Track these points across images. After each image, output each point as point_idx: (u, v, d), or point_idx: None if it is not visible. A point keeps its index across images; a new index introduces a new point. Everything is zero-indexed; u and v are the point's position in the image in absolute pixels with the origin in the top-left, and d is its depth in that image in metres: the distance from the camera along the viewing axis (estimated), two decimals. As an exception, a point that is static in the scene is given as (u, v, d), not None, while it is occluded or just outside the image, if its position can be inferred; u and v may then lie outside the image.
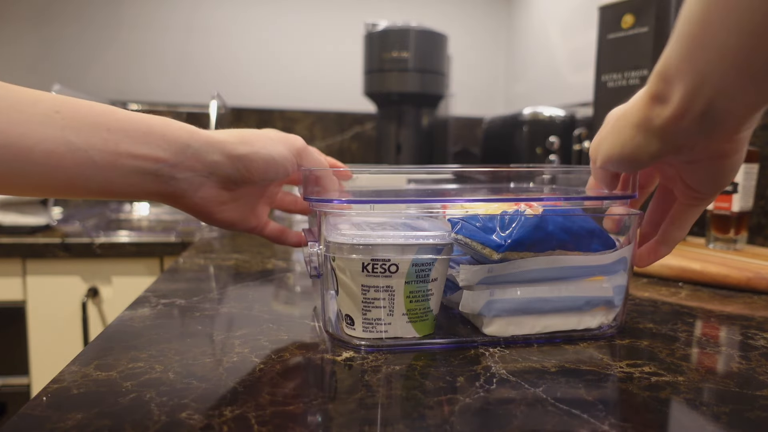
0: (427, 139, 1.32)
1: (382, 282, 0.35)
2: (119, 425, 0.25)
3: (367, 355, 0.34)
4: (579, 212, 0.38)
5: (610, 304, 0.39)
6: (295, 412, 0.26)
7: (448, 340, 0.37)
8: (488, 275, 0.36)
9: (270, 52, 1.61)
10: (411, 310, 0.36)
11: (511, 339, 0.37)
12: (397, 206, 0.38)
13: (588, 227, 0.38)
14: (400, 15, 1.64)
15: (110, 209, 1.39)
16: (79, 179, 0.34)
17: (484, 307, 0.36)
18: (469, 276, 0.36)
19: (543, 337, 0.38)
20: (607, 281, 0.38)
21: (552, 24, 1.47)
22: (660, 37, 0.68)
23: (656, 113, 0.27)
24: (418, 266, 0.35)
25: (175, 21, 1.56)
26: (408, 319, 0.36)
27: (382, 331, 0.36)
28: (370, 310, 0.35)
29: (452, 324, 0.40)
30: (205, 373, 0.31)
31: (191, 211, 0.41)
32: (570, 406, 0.27)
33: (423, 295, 0.36)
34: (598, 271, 0.38)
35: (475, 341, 0.37)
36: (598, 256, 0.38)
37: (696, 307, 0.47)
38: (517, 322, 0.37)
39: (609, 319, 0.39)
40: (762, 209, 0.80)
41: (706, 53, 0.23)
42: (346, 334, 0.36)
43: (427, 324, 0.37)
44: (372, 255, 0.34)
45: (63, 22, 1.51)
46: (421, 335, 0.36)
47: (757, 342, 0.38)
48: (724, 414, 0.27)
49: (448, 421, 0.26)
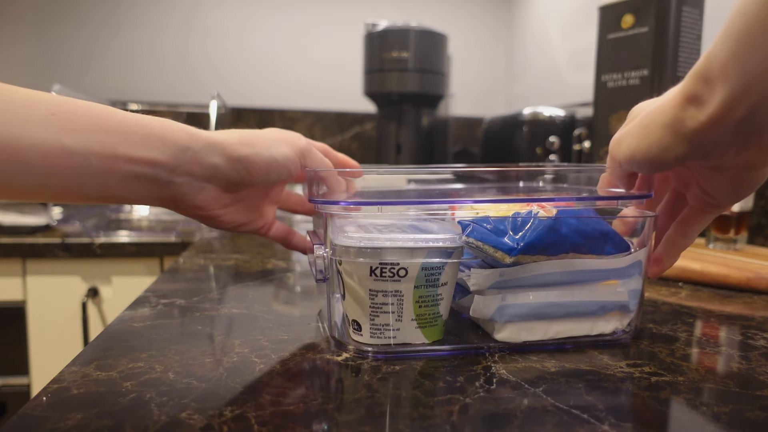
0: (427, 139, 1.32)
1: (391, 286, 0.34)
2: (119, 425, 0.25)
3: (367, 354, 0.34)
4: (593, 213, 0.37)
5: (625, 308, 0.38)
6: (295, 412, 0.26)
7: (457, 347, 0.36)
8: (500, 279, 0.35)
9: (270, 52, 1.61)
10: (420, 315, 0.35)
11: (522, 345, 0.36)
12: (405, 207, 0.36)
13: (602, 229, 0.37)
14: (400, 15, 1.64)
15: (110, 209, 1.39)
16: (75, 184, 0.33)
17: (496, 312, 0.35)
18: (480, 280, 0.35)
19: (555, 343, 0.36)
20: (621, 285, 0.37)
21: (552, 24, 1.47)
22: (660, 37, 0.68)
23: (690, 115, 0.26)
24: (428, 270, 0.34)
25: (175, 21, 1.56)
26: (417, 324, 0.35)
27: (391, 337, 0.35)
28: (378, 315, 0.34)
29: (462, 329, 0.39)
30: (205, 373, 0.31)
31: (193, 215, 0.41)
32: (570, 406, 0.27)
33: (432, 300, 0.35)
34: (612, 275, 0.37)
35: (487, 347, 0.36)
36: (612, 260, 0.37)
37: (696, 307, 0.47)
38: (529, 328, 0.36)
39: (623, 324, 0.38)
40: (762, 209, 0.80)
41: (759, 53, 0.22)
42: (353, 339, 0.36)
43: (436, 329, 0.36)
44: (380, 258, 0.33)
45: (62, 22, 1.51)
46: (431, 341, 0.36)
47: (757, 342, 0.38)
48: (724, 414, 0.27)
49: (448, 421, 0.26)
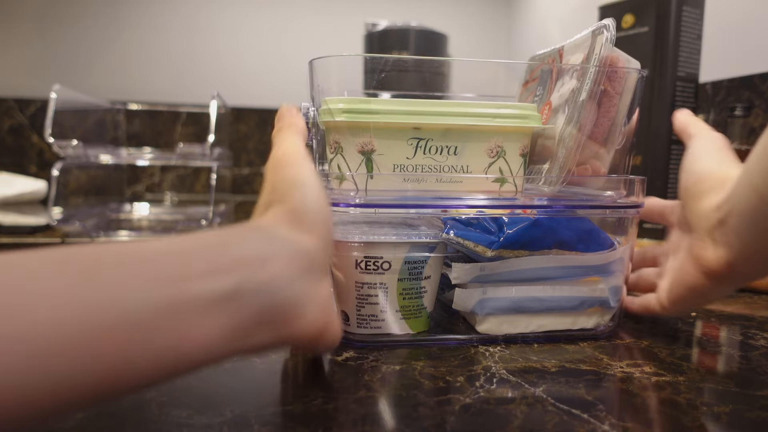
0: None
1: (376, 279, 0.35)
2: (119, 425, 0.25)
3: (367, 354, 0.34)
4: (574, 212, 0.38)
5: (606, 305, 0.38)
6: (295, 412, 0.26)
7: (441, 337, 0.37)
8: (481, 273, 0.36)
9: (270, 52, 1.61)
10: (404, 307, 0.36)
11: (505, 337, 0.37)
12: (399, 210, 0.37)
13: (585, 227, 0.38)
14: (400, 15, 1.64)
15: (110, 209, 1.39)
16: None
17: (477, 305, 0.36)
18: (461, 274, 0.36)
19: (541, 336, 0.38)
20: (603, 282, 0.38)
21: (552, 24, 1.47)
22: (660, 37, 0.68)
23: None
24: (411, 264, 0.35)
25: (175, 21, 1.56)
26: (402, 315, 0.36)
27: (376, 327, 0.36)
28: (363, 306, 0.36)
29: (452, 322, 0.40)
30: (205, 373, 0.31)
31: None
32: (570, 406, 0.27)
33: (416, 293, 0.36)
34: (594, 272, 0.38)
35: (470, 339, 0.37)
36: (594, 256, 0.38)
37: (696, 307, 0.47)
38: (511, 321, 0.37)
39: (605, 320, 0.39)
40: (762, 209, 0.80)
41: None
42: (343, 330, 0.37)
43: (421, 321, 0.37)
44: (365, 252, 0.35)
45: (63, 22, 1.51)
46: (415, 332, 0.37)
47: (757, 342, 0.38)
48: (724, 414, 0.27)
49: (448, 421, 0.26)
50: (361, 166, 0.36)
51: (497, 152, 0.37)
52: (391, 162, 0.36)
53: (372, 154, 0.36)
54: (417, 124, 0.36)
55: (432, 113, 0.36)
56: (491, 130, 0.37)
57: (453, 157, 0.37)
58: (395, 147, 0.36)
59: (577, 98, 0.37)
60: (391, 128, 0.36)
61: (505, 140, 0.37)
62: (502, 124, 0.37)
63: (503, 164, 0.37)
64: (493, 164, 0.37)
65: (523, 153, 0.38)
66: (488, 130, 0.37)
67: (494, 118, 0.37)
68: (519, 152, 0.37)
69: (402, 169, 0.36)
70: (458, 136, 0.36)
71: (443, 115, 0.36)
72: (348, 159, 0.36)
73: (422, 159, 0.36)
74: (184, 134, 1.54)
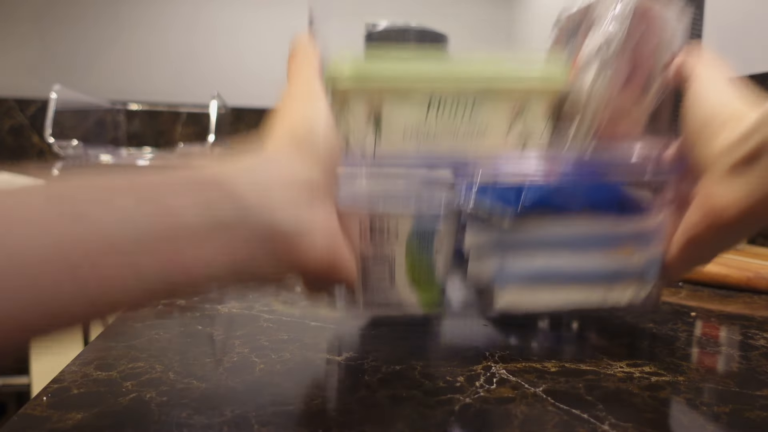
0: (427, 139, 1.32)
1: (383, 250, 0.33)
2: (119, 425, 0.25)
3: (367, 354, 0.34)
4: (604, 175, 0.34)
5: (641, 278, 0.34)
6: (295, 412, 0.26)
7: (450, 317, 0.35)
8: (499, 240, 0.32)
9: (270, 52, 1.61)
10: (414, 280, 0.33)
11: (523, 319, 0.34)
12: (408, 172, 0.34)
13: (617, 191, 0.33)
14: (400, 15, 1.64)
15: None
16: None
17: (495, 276, 0.33)
18: (476, 240, 0.32)
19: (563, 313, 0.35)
20: (638, 252, 0.34)
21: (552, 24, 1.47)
22: (660, 36, 0.68)
23: None
24: (420, 233, 0.32)
25: (175, 21, 1.56)
26: (411, 290, 0.34)
27: (384, 305, 0.34)
28: (369, 281, 0.33)
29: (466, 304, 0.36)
30: (205, 373, 0.31)
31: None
32: (570, 406, 0.27)
33: (427, 266, 0.33)
34: (628, 240, 0.34)
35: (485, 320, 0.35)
36: (628, 224, 0.33)
37: (696, 307, 0.47)
38: (532, 294, 0.33)
39: (641, 297, 0.35)
40: (762, 209, 0.80)
41: None
42: (346, 305, 0.35)
43: (431, 296, 0.34)
44: (371, 222, 0.32)
45: (63, 22, 1.51)
46: (425, 309, 0.34)
47: (758, 342, 0.38)
48: (724, 414, 0.27)
49: (448, 421, 0.26)
50: (369, 127, 0.34)
51: (519, 112, 0.34)
52: (402, 124, 0.33)
53: (381, 117, 0.33)
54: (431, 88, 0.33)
55: (447, 79, 0.33)
56: (512, 90, 0.34)
57: (468, 120, 0.34)
58: (406, 109, 0.33)
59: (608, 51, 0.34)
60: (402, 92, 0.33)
61: (527, 100, 0.34)
62: (524, 86, 0.34)
63: (525, 125, 0.35)
64: (514, 125, 0.35)
65: (547, 113, 0.35)
66: (509, 90, 0.34)
67: (515, 81, 0.34)
68: (543, 112, 0.35)
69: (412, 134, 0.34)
70: (475, 97, 0.34)
71: (458, 80, 0.33)
72: (354, 122, 0.34)
73: (435, 122, 0.34)
74: (185, 134, 1.54)
